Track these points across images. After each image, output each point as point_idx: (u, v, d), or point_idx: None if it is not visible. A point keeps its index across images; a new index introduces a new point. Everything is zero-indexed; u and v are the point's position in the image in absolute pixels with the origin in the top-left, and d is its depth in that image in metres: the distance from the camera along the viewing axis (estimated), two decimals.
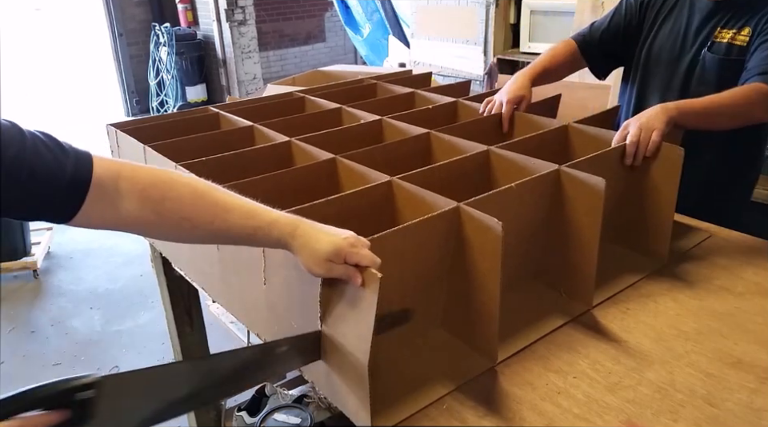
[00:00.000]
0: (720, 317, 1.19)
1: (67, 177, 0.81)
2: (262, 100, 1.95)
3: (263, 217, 0.91)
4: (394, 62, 4.16)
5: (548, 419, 0.96)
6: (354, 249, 0.89)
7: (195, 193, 0.89)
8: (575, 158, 1.28)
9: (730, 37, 1.50)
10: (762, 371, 1.04)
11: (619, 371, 1.06)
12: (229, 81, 6.42)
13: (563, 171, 1.23)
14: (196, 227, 0.89)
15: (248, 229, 0.90)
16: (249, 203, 0.92)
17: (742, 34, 1.48)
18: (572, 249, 1.23)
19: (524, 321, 1.18)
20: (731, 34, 1.49)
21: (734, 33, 1.49)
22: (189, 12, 6.60)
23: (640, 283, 1.31)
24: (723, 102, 1.32)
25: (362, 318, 0.89)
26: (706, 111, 1.31)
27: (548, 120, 1.60)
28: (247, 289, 1.23)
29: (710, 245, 1.46)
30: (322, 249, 0.89)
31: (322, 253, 0.89)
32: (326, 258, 0.89)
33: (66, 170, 0.81)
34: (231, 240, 0.95)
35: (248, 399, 2.02)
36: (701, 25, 1.54)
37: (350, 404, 0.96)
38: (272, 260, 1.09)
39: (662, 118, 1.29)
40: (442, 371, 1.06)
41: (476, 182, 1.36)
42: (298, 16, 7.65)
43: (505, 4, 3.35)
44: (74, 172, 0.82)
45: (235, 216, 0.89)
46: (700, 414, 0.96)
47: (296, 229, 0.90)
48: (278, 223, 0.91)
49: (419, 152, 1.52)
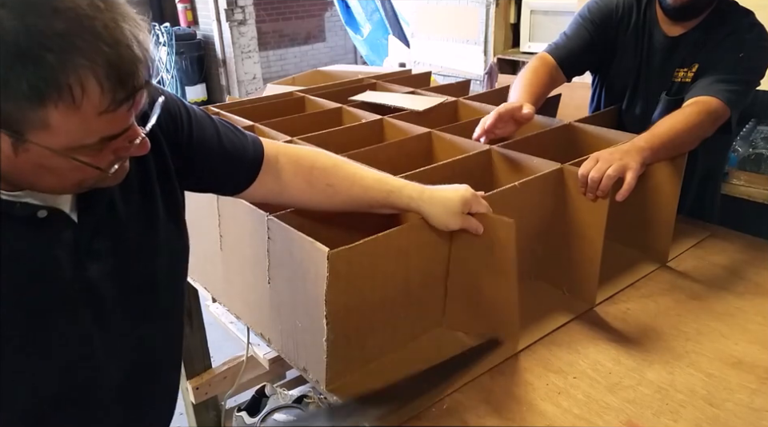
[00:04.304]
0: (720, 317, 1.19)
1: (249, 154, 0.95)
2: (261, 100, 1.94)
3: (393, 183, 1.03)
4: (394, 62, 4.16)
5: (548, 419, 0.96)
6: (476, 198, 1.03)
7: (336, 163, 1.02)
8: (577, 157, 1.28)
9: (682, 76, 1.49)
10: (762, 371, 1.05)
11: (619, 371, 1.06)
12: (228, 81, 6.41)
13: (567, 169, 1.23)
14: (338, 193, 1.01)
15: (383, 192, 1.01)
16: (378, 172, 1.06)
17: (692, 71, 1.47)
18: (575, 248, 1.23)
19: (526, 319, 1.18)
20: (683, 72, 1.49)
21: (686, 71, 1.48)
22: (188, 12, 6.59)
23: (640, 283, 1.32)
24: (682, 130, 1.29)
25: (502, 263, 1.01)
26: (672, 144, 1.28)
27: (549, 119, 1.61)
28: (250, 288, 1.23)
29: (709, 244, 1.46)
30: (455, 203, 1.01)
31: (455, 206, 1.01)
32: (460, 210, 1.01)
33: (248, 149, 0.95)
34: (366, 204, 1.04)
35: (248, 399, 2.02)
36: (662, 65, 1.51)
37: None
38: (276, 258, 1.09)
39: (637, 159, 1.20)
40: None
41: (478, 181, 1.35)
42: (298, 16, 7.65)
43: (505, 4, 3.34)
44: (253, 150, 0.96)
45: (370, 181, 1.02)
46: (700, 414, 0.96)
47: (424, 191, 1.02)
48: (408, 187, 1.02)
49: (421, 151, 1.52)
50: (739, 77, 1.38)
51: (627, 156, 1.20)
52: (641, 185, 1.36)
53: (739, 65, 1.38)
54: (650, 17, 1.52)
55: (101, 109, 0.60)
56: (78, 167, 0.64)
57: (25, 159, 0.62)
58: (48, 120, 0.58)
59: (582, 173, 1.18)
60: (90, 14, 0.58)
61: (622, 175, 1.17)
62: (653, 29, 1.52)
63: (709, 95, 1.35)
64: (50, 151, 0.61)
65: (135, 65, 0.61)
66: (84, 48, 0.57)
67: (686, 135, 1.30)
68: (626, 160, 1.18)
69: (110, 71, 0.59)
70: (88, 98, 0.59)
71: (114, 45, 0.59)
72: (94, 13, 0.58)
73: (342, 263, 0.93)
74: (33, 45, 0.55)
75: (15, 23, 0.55)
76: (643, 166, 1.21)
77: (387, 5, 4.55)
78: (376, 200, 1.02)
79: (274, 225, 1.07)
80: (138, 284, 0.82)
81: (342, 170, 1.02)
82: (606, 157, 1.19)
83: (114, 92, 0.60)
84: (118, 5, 0.61)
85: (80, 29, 0.57)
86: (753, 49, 1.40)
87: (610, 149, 1.23)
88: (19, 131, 0.59)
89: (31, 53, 0.55)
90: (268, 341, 1.22)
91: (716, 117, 1.35)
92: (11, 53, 0.55)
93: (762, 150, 2.11)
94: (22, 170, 0.63)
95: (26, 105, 0.57)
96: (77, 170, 0.65)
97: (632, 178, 1.17)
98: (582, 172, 1.18)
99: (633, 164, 1.18)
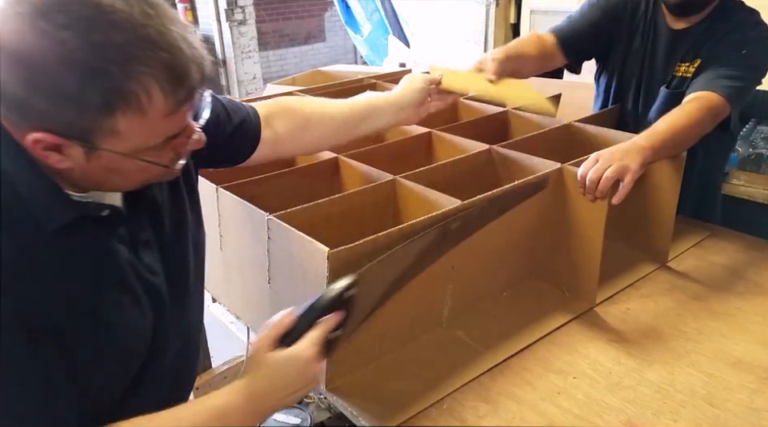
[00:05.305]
0: (720, 317, 1.19)
1: (253, 124, 1.03)
2: (262, 100, 1.94)
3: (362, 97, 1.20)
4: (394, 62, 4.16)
5: (548, 419, 0.96)
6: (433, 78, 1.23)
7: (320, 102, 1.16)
8: (577, 157, 1.28)
9: (683, 71, 1.48)
10: (762, 371, 1.05)
11: (619, 371, 1.06)
12: (228, 81, 6.41)
13: (566, 169, 1.23)
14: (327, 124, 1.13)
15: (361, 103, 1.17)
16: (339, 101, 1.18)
17: (694, 65, 1.46)
18: (575, 248, 1.23)
19: (527, 319, 1.18)
20: (684, 67, 1.48)
21: (687, 66, 1.48)
22: (188, 12, 6.58)
23: (640, 283, 1.32)
24: (683, 127, 1.28)
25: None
26: (674, 141, 1.26)
27: (549, 119, 1.61)
28: (250, 288, 1.23)
29: (710, 244, 1.46)
30: (417, 81, 1.21)
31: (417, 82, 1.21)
32: (421, 86, 1.21)
33: (252, 120, 1.03)
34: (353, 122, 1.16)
35: None
36: (666, 58, 1.51)
37: None
38: (276, 258, 1.09)
39: (638, 160, 1.18)
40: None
41: (478, 181, 1.36)
42: (298, 16, 7.64)
43: (505, 4, 3.35)
44: (255, 118, 1.04)
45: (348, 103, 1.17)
46: (700, 414, 0.96)
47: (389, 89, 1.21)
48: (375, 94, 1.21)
49: (421, 151, 1.52)
50: (740, 73, 1.37)
51: (627, 156, 1.18)
52: (641, 185, 1.36)
53: (741, 61, 1.37)
54: (656, 8, 1.53)
55: (165, 112, 0.64)
56: (144, 167, 0.69)
57: (96, 165, 0.66)
58: (117, 127, 0.63)
59: (581, 173, 1.18)
60: (143, 22, 0.61)
61: (621, 177, 1.15)
62: (658, 21, 1.52)
63: (709, 90, 1.34)
64: (120, 155, 0.65)
65: (189, 65, 0.64)
66: (143, 56, 0.61)
67: (687, 132, 1.29)
68: (625, 161, 1.17)
69: (168, 75, 0.63)
70: (153, 103, 0.63)
71: (169, 49, 0.62)
72: (146, 20, 0.61)
73: (342, 263, 0.93)
74: (98, 59, 0.59)
75: (80, 41, 0.58)
76: (643, 167, 1.19)
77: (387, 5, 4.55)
78: (359, 112, 1.16)
79: (273, 225, 1.07)
80: (178, 271, 0.86)
81: (325, 106, 1.15)
82: (606, 157, 1.18)
83: (175, 94, 0.64)
84: (165, 9, 0.64)
85: (136, 38, 0.61)
86: (756, 46, 1.39)
87: (610, 149, 1.21)
88: (91, 140, 0.63)
89: (98, 68, 0.59)
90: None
91: (716, 113, 1.34)
92: (81, 71, 0.59)
93: (762, 150, 2.11)
94: (93, 175, 0.68)
95: (98, 116, 0.61)
96: (143, 170, 0.69)
97: (629, 182, 1.15)
98: (581, 173, 1.18)
99: (633, 165, 1.17)
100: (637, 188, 1.17)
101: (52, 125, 0.62)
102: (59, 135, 0.62)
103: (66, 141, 0.63)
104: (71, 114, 0.61)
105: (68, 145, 0.63)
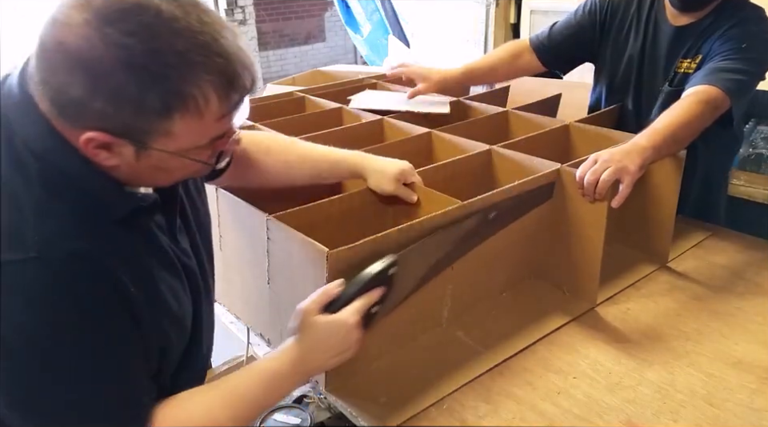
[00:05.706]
0: (720, 317, 1.19)
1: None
2: (262, 100, 1.94)
3: (338, 154, 1.19)
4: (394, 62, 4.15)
5: (548, 419, 0.96)
6: (412, 171, 1.19)
7: (289, 142, 1.19)
8: (576, 157, 1.28)
9: (685, 67, 1.48)
10: (762, 371, 1.05)
11: (619, 371, 1.06)
12: None
13: (566, 170, 1.23)
14: (292, 167, 1.15)
15: (329, 162, 1.18)
16: (325, 146, 1.19)
17: (695, 61, 1.46)
18: (575, 248, 1.23)
19: (527, 319, 1.18)
20: (687, 63, 1.48)
21: (689, 62, 1.47)
22: None
23: (640, 283, 1.32)
24: (683, 123, 1.27)
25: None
26: (674, 138, 1.25)
27: (549, 119, 1.61)
28: (250, 288, 1.23)
29: (710, 244, 1.46)
30: (392, 171, 1.17)
31: (392, 173, 1.16)
32: (395, 178, 1.16)
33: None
34: (317, 175, 1.18)
35: None
36: (668, 54, 1.51)
37: None
38: (276, 258, 1.09)
39: (637, 162, 1.16)
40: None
41: (478, 181, 1.36)
42: (298, 16, 7.64)
43: (505, 4, 3.34)
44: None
45: (318, 155, 1.18)
46: (700, 414, 0.96)
47: (365, 159, 1.19)
48: (351, 156, 1.19)
49: (421, 151, 1.52)
50: (740, 66, 1.35)
51: (627, 157, 1.16)
52: (641, 185, 1.36)
53: (741, 55, 1.36)
54: (657, 5, 1.52)
55: (218, 115, 0.68)
56: (188, 165, 0.72)
57: (145, 163, 0.69)
58: (172, 129, 0.66)
59: (579, 175, 1.17)
60: (200, 29, 0.64)
61: (620, 178, 1.14)
62: (659, 18, 1.52)
63: (707, 84, 1.33)
64: (168, 154, 0.69)
65: (242, 71, 0.67)
66: (201, 62, 0.64)
67: (688, 127, 1.28)
68: (625, 162, 1.15)
69: (224, 80, 0.66)
70: (209, 107, 0.66)
71: (224, 55, 0.65)
72: (202, 27, 0.64)
73: (342, 263, 0.93)
74: (159, 65, 0.62)
75: (143, 47, 0.61)
76: (643, 168, 1.18)
77: (387, 5, 4.55)
78: (325, 170, 1.18)
79: (273, 225, 1.06)
80: (203, 255, 0.90)
81: (295, 148, 1.18)
82: (604, 158, 1.16)
83: (229, 98, 0.67)
84: (217, 16, 0.67)
85: (195, 45, 0.63)
86: (758, 40, 1.38)
87: (610, 150, 1.19)
88: (143, 141, 0.67)
89: (159, 73, 0.62)
90: (268, 341, 1.22)
91: (715, 106, 1.32)
92: (142, 75, 0.62)
93: (762, 150, 2.11)
94: (139, 172, 0.71)
95: (155, 119, 0.65)
96: (185, 168, 0.73)
97: (627, 185, 1.14)
98: (579, 174, 1.17)
99: (631, 167, 1.15)
100: (637, 188, 1.17)
101: (107, 125, 0.64)
102: (113, 134, 0.65)
103: (118, 139, 0.66)
104: (128, 116, 0.64)
105: (120, 144, 0.66)
